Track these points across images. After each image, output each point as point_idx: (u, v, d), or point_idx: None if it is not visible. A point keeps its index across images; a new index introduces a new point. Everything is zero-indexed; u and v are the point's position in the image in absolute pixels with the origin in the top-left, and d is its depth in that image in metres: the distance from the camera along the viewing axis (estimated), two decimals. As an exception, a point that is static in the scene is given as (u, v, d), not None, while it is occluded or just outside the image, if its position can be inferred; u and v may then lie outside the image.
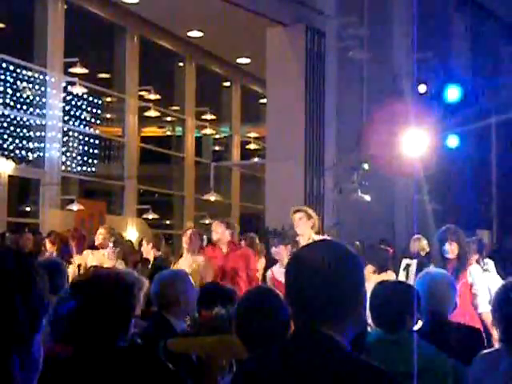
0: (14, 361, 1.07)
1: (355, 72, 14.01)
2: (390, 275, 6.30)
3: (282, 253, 6.53)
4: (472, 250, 6.20)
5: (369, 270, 6.50)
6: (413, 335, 3.08)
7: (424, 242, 8.56)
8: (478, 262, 6.23)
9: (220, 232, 6.57)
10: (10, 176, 13.52)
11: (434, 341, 3.09)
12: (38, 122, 14.33)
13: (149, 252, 7.33)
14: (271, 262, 7.31)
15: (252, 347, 2.64)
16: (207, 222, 19.46)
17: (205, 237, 6.75)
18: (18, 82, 13.92)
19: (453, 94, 10.19)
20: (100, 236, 6.47)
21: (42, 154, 14.34)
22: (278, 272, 6.31)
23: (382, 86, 13.85)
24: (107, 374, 2.26)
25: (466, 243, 5.81)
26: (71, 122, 15.10)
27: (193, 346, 3.05)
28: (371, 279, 5.67)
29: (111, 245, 6.34)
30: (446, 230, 5.60)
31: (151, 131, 20.51)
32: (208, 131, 20.75)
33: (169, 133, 20.89)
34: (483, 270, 5.99)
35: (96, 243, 6.63)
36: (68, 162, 15.10)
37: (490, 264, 6.60)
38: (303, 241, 6.17)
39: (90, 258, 6.43)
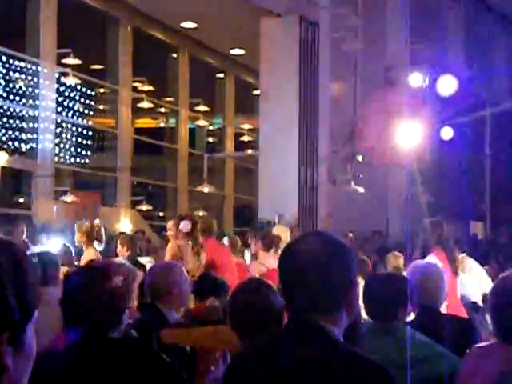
0: (6, 350, 1.07)
1: (349, 63, 14.00)
2: None
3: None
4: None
5: None
6: (406, 326, 3.09)
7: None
8: None
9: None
10: (2, 167, 13.49)
11: (425, 332, 3.10)
12: (30, 113, 14.28)
13: (124, 254, 7.29)
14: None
15: (245, 338, 2.65)
16: (201, 213, 19.52)
17: (186, 222, 6.60)
18: (11, 73, 13.87)
19: (447, 85, 10.18)
20: None
21: (34, 146, 14.31)
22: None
23: (376, 77, 13.85)
24: (100, 365, 2.26)
25: None
26: (64, 113, 15.06)
27: (186, 337, 3.06)
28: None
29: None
30: None
31: (144, 122, 20.48)
32: (201, 123, 20.74)
33: (162, 124, 20.86)
34: None
35: None
36: (61, 154, 15.07)
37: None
38: None
39: None
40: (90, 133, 15.83)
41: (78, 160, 15.53)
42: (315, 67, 14.50)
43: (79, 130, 15.48)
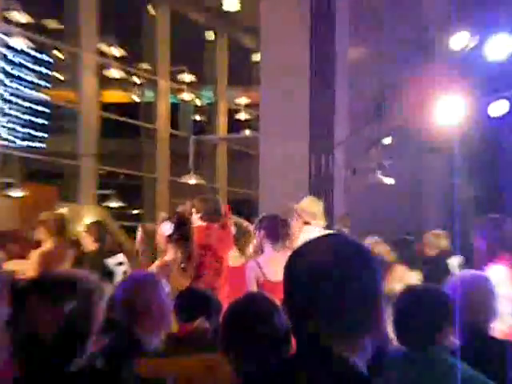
0: None
1: (374, 21, 13.98)
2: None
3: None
4: None
5: (398, 271, 6.63)
6: (445, 353, 3.10)
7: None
8: None
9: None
10: None
11: (472, 360, 3.11)
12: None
13: (91, 245, 7.42)
14: None
15: (242, 367, 2.66)
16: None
17: (167, 224, 6.58)
18: None
19: (498, 49, 10.18)
20: None
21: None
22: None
23: (409, 40, 13.84)
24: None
25: None
26: (11, 84, 15.06)
27: (169, 368, 3.07)
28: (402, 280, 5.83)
29: None
30: None
31: (114, 96, 20.48)
32: (186, 96, 20.75)
33: (136, 98, 20.87)
34: None
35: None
36: (8, 136, 15.07)
37: None
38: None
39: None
40: (45, 109, 15.83)
41: (29, 144, 15.53)
42: (331, 26, 14.48)
43: (31, 105, 15.49)
